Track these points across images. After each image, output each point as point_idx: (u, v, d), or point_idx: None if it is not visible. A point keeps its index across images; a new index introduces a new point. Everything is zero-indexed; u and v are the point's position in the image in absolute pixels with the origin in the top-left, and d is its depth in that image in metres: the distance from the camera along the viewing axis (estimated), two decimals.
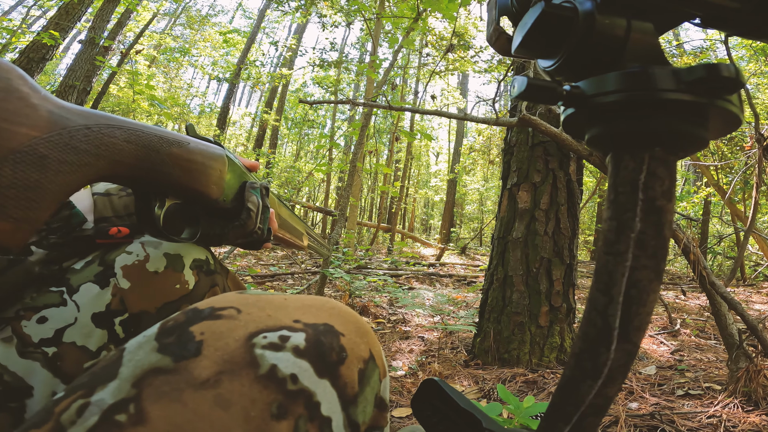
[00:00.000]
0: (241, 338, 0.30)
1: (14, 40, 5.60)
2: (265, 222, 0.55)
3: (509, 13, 0.27)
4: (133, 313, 0.50)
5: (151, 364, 0.28)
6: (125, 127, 0.38)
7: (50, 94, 0.34)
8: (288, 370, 0.29)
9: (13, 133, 0.30)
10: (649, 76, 0.20)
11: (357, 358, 0.34)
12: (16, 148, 0.30)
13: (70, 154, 0.33)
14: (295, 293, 2.31)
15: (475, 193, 16.35)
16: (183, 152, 0.43)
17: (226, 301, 0.33)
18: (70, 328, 0.46)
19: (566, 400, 0.23)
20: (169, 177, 0.42)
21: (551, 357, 1.74)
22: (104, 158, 0.36)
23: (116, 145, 0.37)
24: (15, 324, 0.44)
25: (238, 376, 0.28)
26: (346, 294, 2.77)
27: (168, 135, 0.42)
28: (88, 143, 0.34)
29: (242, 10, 18.28)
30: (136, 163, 0.39)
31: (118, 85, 8.72)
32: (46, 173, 0.31)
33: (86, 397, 0.26)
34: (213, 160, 0.47)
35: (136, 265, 0.51)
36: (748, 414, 1.17)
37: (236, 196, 0.52)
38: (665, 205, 0.21)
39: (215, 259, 0.61)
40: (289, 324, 0.32)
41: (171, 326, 0.31)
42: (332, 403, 0.30)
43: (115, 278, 0.49)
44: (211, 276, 0.58)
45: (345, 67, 11.19)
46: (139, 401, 0.26)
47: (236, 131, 17.66)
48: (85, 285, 0.48)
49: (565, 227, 1.84)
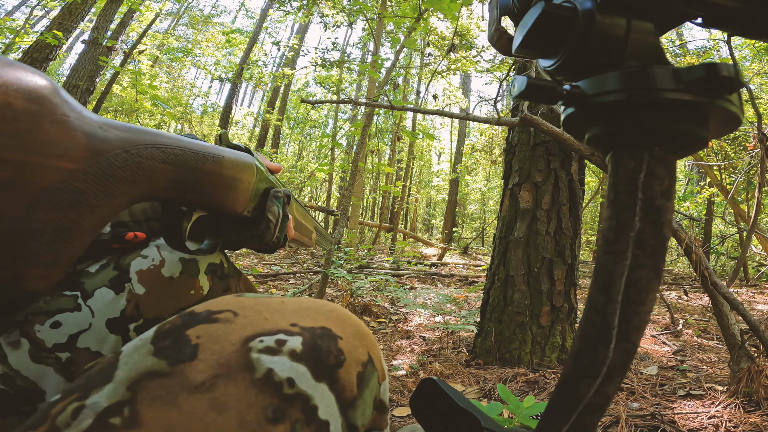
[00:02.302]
0: (237, 342, 0.30)
1: (18, 40, 5.62)
2: (282, 231, 0.54)
3: (510, 13, 0.27)
4: (147, 319, 0.49)
5: (147, 368, 0.28)
6: (164, 145, 0.34)
7: (85, 108, 0.30)
8: (284, 374, 0.29)
9: (46, 168, 0.26)
10: (648, 75, 0.20)
11: (355, 362, 0.33)
12: (50, 186, 0.26)
13: (108, 185, 0.29)
14: (297, 293, 2.30)
15: (477, 192, 16.34)
16: (216, 167, 0.41)
17: (223, 304, 0.33)
18: (85, 333, 0.45)
19: (565, 398, 0.23)
20: (200, 195, 0.40)
21: (552, 357, 1.74)
22: (141, 184, 0.32)
23: (154, 168, 0.33)
24: (27, 328, 0.43)
25: (233, 379, 0.28)
26: (347, 293, 2.77)
27: (204, 150, 0.39)
28: (125, 170, 0.31)
29: (245, 10, 18.30)
30: (171, 185, 0.36)
31: (121, 85, 8.74)
32: (81, 211, 0.28)
33: (81, 400, 0.26)
34: (243, 173, 0.45)
35: (151, 270, 0.50)
36: (750, 415, 1.17)
37: (257, 204, 0.50)
38: (664, 204, 0.21)
39: (229, 263, 0.61)
40: (286, 328, 0.32)
41: (167, 330, 0.31)
42: (330, 407, 0.30)
43: (130, 283, 0.49)
44: (224, 280, 0.58)
45: (347, 66, 11.19)
46: (133, 404, 0.26)
47: (239, 131, 17.69)
48: (100, 290, 0.48)
49: (566, 227, 1.84)
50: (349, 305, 2.69)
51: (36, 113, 0.26)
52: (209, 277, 0.55)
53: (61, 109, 0.27)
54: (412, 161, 13.53)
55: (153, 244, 0.53)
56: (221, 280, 0.57)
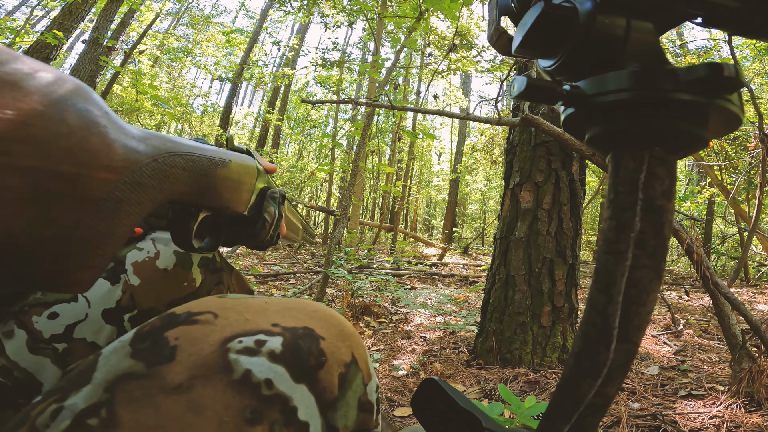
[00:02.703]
0: (215, 343, 0.30)
1: (18, 40, 5.63)
2: (276, 229, 0.55)
3: (510, 13, 0.27)
4: (142, 309, 0.50)
5: (124, 370, 0.28)
6: (183, 153, 0.36)
7: (119, 118, 0.31)
8: (262, 375, 0.29)
9: (95, 180, 0.27)
10: (648, 75, 0.20)
11: (337, 362, 0.33)
12: (99, 196, 0.27)
13: (140, 194, 0.31)
14: (297, 293, 2.30)
15: (478, 192, 16.33)
16: (225, 172, 0.42)
17: (204, 305, 0.33)
18: (81, 324, 0.46)
19: (566, 399, 0.23)
20: (209, 197, 0.41)
21: (553, 357, 1.74)
22: (165, 191, 0.34)
23: (176, 175, 0.35)
24: (24, 319, 0.44)
25: (211, 381, 0.28)
26: (348, 293, 2.77)
27: (215, 155, 0.41)
28: (153, 178, 0.32)
29: (245, 10, 18.30)
30: (188, 189, 0.37)
31: (121, 85, 8.75)
32: (120, 218, 0.29)
33: (60, 402, 0.27)
34: (247, 175, 0.47)
35: (146, 262, 0.52)
36: (751, 415, 1.17)
37: (255, 204, 0.52)
38: (665, 204, 0.21)
39: (221, 257, 0.62)
40: (267, 328, 0.32)
41: (146, 331, 0.31)
42: (310, 408, 0.30)
43: (125, 275, 0.50)
44: (216, 274, 0.60)
45: (347, 66, 11.19)
46: (111, 406, 0.26)
47: (239, 131, 17.70)
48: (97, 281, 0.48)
49: (567, 227, 1.83)
50: (350, 305, 2.69)
51: (84, 126, 0.27)
52: (202, 270, 0.57)
53: (104, 120, 0.28)
54: (412, 161, 13.53)
55: (149, 238, 0.54)
56: (213, 273, 0.59)
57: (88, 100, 0.27)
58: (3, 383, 0.41)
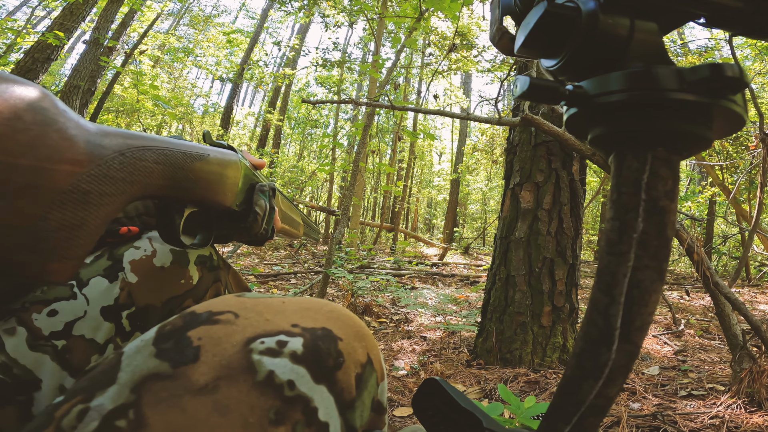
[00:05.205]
0: (238, 343, 0.30)
1: (19, 41, 5.63)
2: (270, 223, 0.56)
3: (512, 13, 0.26)
4: (139, 306, 0.50)
5: (150, 370, 0.28)
6: (154, 147, 0.37)
7: (81, 117, 0.33)
8: (285, 376, 0.29)
9: (57, 172, 0.29)
10: (652, 75, 0.20)
11: (354, 363, 0.34)
12: (63, 188, 0.29)
13: (109, 185, 0.32)
14: (298, 293, 2.31)
15: (478, 192, 16.32)
16: (204, 165, 0.43)
17: (225, 305, 0.34)
18: (80, 321, 0.46)
19: (567, 400, 0.23)
20: (191, 191, 0.42)
21: (554, 357, 1.74)
22: (137, 183, 0.35)
23: (147, 168, 0.36)
24: (24, 316, 0.44)
25: (235, 382, 0.28)
26: (349, 293, 2.77)
27: (191, 149, 0.42)
28: (123, 171, 0.34)
29: (245, 10, 18.29)
30: (164, 182, 0.38)
31: (122, 85, 8.74)
32: (89, 209, 0.31)
33: (86, 402, 0.27)
34: (229, 168, 0.48)
35: (143, 260, 0.52)
36: (751, 415, 1.17)
37: (244, 198, 0.53)
38: (668, 205, 0.21)
39: (218, 255, 0.63)
40: (287, 329, 0.32)
41: (168, 331, 0.31)
42: (329, 409, 0.30)
43: (123, 272, 0.50)
44: (214, 271, 0.60)
45: (348, 67, 11.18)
46: (138, 407, 0.26)
47: (240, 131, 17.70)
48: (95, 279, 0.49)
49: (567, 227, 1.83)
50: (351, 305, 2.69)
51: (42, 122, 0.28)
52: (199, 267, 0.57)
53: (62, 117, 0.30)
54: (413, 161, 13.52)
55: (145, 237, 0.54)
56: (211, 271, 0.59)
57: (45, 101, 0.29)
58: (2, 380, 0.41)
